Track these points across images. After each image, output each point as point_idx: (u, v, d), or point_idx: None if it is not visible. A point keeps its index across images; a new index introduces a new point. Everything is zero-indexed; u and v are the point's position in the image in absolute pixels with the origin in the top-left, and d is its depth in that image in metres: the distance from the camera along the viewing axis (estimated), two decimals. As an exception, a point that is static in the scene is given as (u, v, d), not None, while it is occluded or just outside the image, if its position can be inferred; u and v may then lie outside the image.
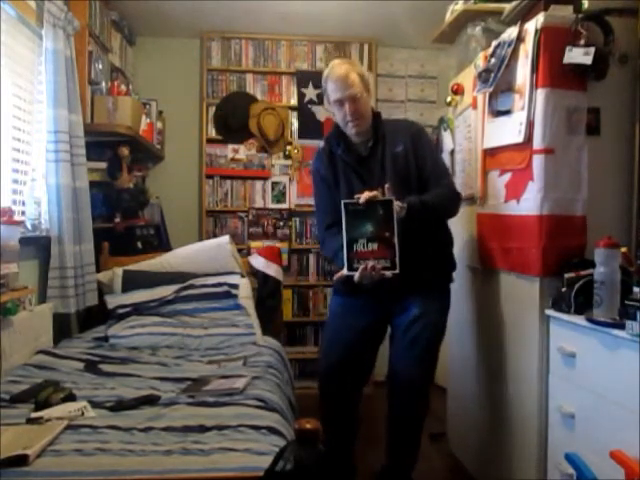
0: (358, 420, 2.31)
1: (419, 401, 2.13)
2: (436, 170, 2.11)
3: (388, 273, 1.85)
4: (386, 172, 2.05)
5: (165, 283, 2.79)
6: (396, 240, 1.84)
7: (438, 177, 2.09)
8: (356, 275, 1.88)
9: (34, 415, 1.49)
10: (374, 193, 1.87)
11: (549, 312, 1.88)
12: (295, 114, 3.96)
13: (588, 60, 1.80)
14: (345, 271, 1.90)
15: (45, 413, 1.50)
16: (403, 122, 2.39)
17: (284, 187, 3.97)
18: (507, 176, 2.12)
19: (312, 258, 3.97)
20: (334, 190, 2.12)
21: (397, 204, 1.89)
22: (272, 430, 1.44)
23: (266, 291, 3.08)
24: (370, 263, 1.84)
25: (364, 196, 1.86)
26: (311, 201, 3.86)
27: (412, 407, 2.12)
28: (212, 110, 3.91)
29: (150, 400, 1.67)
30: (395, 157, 2.06)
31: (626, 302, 1.53)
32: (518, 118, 1.99)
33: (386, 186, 1.90)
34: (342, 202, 1.89)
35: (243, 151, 3.94)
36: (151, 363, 2.15)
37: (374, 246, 1.86)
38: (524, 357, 2.03)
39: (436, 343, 2.12)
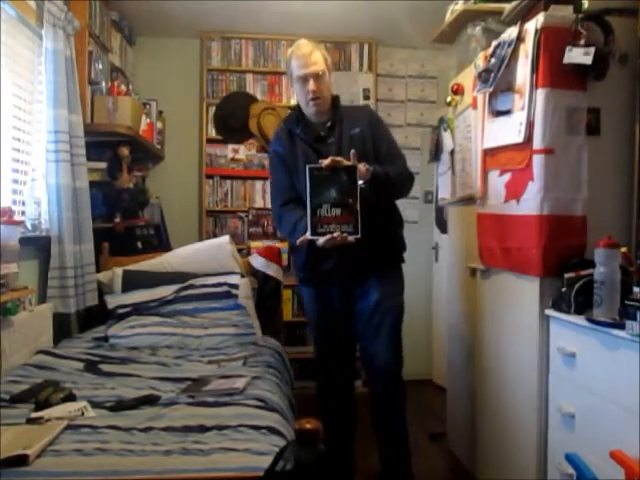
0: (356, 414, 2.35)
1: (397, 381, 2.21)
2: (392, 152, 2.20)
3: (351, 238, 1.91)
4: (343, 152, 2.09)
5: (165, 283, 2.79)
6: (358, 206, 1.90)
7: (394, 158, 2.18)
8: (320, 240, 1.92)
9: (34, 415, 1.49)
10: (339, 158, 1.93)
11: (549, 312, 1.88)
12: (295, 114, 3.96)
13: (588, 60, 1.80)
14: (309, 235, 1.94)
15: (45, 413, 1.50)
16: (361, 107, 2.49)
17: (284, 187, 3.96)
18: (507, 176, 2.12)
19: (312, 258, 3.97)
20: (292, 169, 2.17)
21: (363, 165, 1.96)
22: (272, 430, 1.44)
23: (266, 291, 3.08)
24: (336, 233, 1.90)
25: (328, 160, 1.91)
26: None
27: (393, 387, 2.21)
28: (212, 110, 3.91)
29: (150, 400, 1.67)
30: (352, 138, 2.13)
31: (626, 302, 1.53)
32: (518, 118, 1.99)
33: (352, 152, 1.95)
34: (307, 167, 1.93)
35: (243, 151, 3.95)
36: (151, 363, 2.15)
37: (337, 211, 1.92)
38: (524, 357, 2.03)
39: (399, 323, 2.23)
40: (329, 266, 2.13)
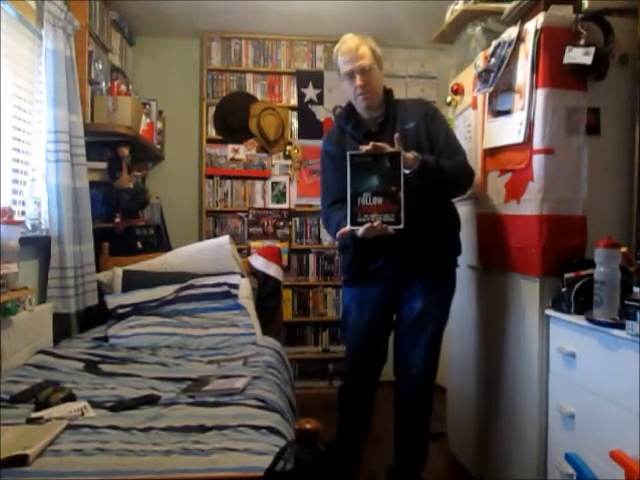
0: (371, 419, 2.30)
1: (427, 393, 2.15)
2: (449, 147, 2.05)
3: (390, 229, 1.81)
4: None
5: (165, 283, 2.79)
6: (402, 195, 1.80)
7: (452, 153, 2.03)
8: (360, 230, 1.84)
9: (34, 415, 1.49)
10: (381, 144, 1.84)
11: (549, 312, 1.88)
12: (295, 114, 3.97)
13: (588, 60, 1.80)
14: (348, 226, 1.86)
15: (45, 413, 1.50)
16: (417, 100, 2.34)
17: (284, 187, 3.97)
18: (507, 176, 2.12)
19: (312, 258, 3.98)
20: (342, 169, 2.03)
21: (412, 153, 1.86)
22: (272, 430, 1.44)
23: (266, 291, 3.08)
24: (376, 222, 1.80)
25: (369, 146, 1.83)
26: (311, 201, 3.93)
27: (423, 396, 2.15)
28: (212, 110, 3.91)
29: (150, 400, 1.67)
30: (405, 133, 2.00)
31: (626, 302, 1.53)
32: (518, 118, 1.99)
33: (395, 136, 1.86)
34: (348, 153, 1.85)
35: (243, 151, 3.95)
36: (151, 363, 2.15)
37: (379, 200, 1.82)
38: (524, 357, 2.03)
39: (441, 332, 2.15)
40: (377, 265, 2.04)
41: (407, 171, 1.85)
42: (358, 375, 2.22)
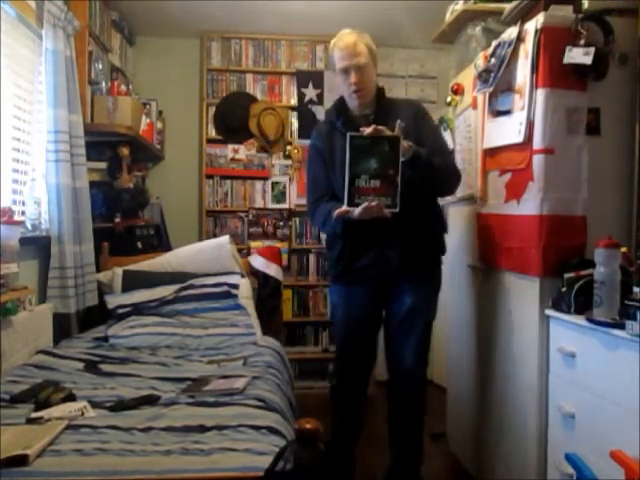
0: (364, 417, 2.32)
1: (420, 387, 2.18)
2: (438, 148, 2.08)
3: (387, 212, 1.83)
4: None
5: (165, 283, 2.79)
6: (399, 179, 1.81)
7: (440, 155, 2.05)
8: (356, 211, 1.85)
9: (34, 415, 1.49)
10: (382, 127, 1.84)
11: (549, 312, 1.88)
12: (295, 114, 3.97)
13: (588, 60, 1.80)
14: (345, 206, 1.86)
15: (45, 413, 1.50)
16: (407, 100, 2.37)
17: (284, 187, 3.97)
18: (507, 176, 2.12)
19: (312, 258, 3.98)
20: (329, 165, 2.10)
21: (407, 142, 1.88)
22: (272, 430, 1.44)
23: (266, 291, 3.08)
24: (374, 202, 1.81)
25: (370, 129, 1.83)
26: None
27: (416, 390, 2.17)
28: (212, 110, 3.91)
29: (150, 400, 1.67)
30: None
31: (626, 302, 1.53)
32: (518, 118, 1.99)
33: (398, 122, 1.87)
34: (348, 134, 1.85)
35: (243, 151, 3.95)
36: (151, 363, 2.15)
37: (376, 183, 1.83)
38: (524, 357, 2.03)
39: (430, 326, 2.18)
40: (364, 263, 2.06)
41: (401, 158, 1.87)
42: (350, 374, 2.24)
